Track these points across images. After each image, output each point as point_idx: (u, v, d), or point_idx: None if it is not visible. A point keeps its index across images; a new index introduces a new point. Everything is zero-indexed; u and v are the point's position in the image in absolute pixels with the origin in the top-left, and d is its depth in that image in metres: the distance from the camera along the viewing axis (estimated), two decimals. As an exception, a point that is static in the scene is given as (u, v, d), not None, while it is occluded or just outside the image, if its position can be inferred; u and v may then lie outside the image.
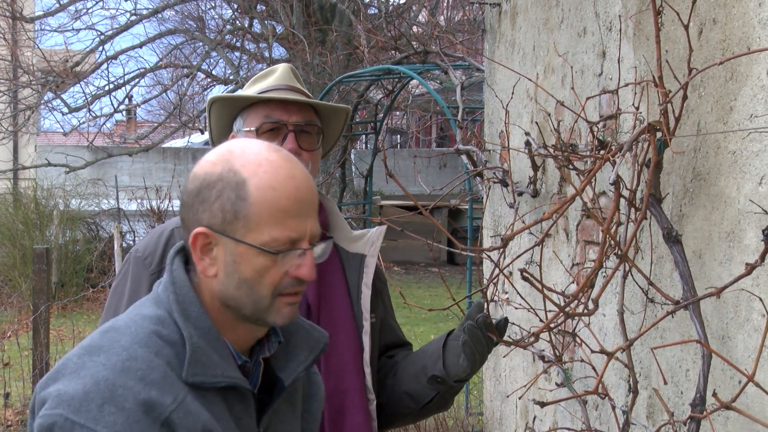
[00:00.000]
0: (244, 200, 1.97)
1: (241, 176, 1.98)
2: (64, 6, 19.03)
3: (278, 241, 2.00)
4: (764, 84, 2.41)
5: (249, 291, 2.02)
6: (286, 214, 2.00)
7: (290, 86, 2.96)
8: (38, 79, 18.74)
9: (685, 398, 2.85)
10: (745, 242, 2.52)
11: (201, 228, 2.01)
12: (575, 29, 3.92)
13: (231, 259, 2.01)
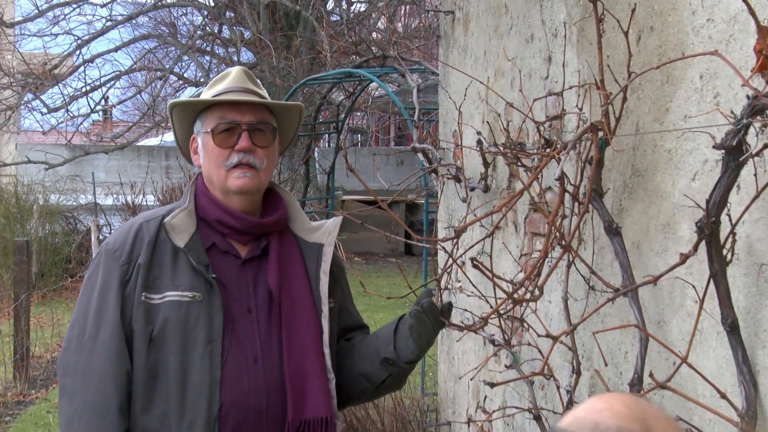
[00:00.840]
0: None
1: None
2: (42, 12, 18.91)
3: None
4: (697, 87, 2.43)
5: None
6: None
7: (243, 88, 2.95)
8: (18, 81, 18.63)
9: (624, 378, 2.87)
10: (679, 234, 2.54)
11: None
12: (523, 35, 3.93)
13: None
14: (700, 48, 2.39)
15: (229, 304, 2.87)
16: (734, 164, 2.11)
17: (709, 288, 2.21)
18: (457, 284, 4.85)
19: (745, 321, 2.20)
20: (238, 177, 2.88)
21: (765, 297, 2.13)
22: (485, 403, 4.62)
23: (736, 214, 2.16)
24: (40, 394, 9.74)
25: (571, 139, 2.85)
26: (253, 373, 2.85)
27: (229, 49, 20.41)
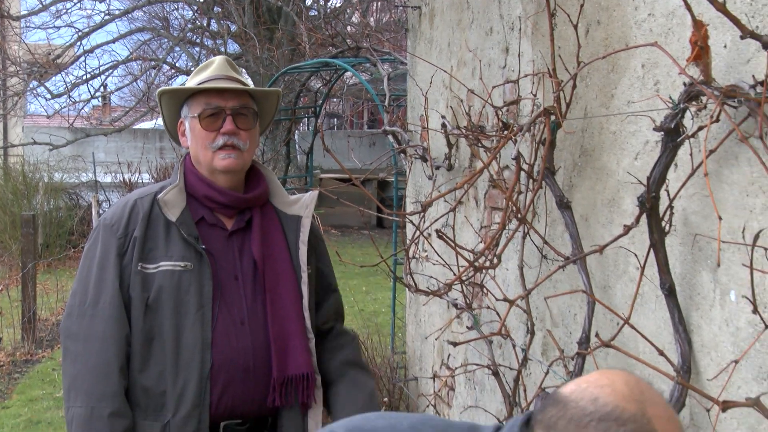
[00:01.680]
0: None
1: (653, 427, 1.62)
2: (46, 6, 18.72)
3: None
4: (639, 75, 2.43)
5: None
6: None
7: (226, 76, 2.94)
8: (24, 70, 18.47)
9: (573, 338, 2.88)
10: (623, 208, 2.54)
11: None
12: (483, 29, 3.92)
13: None
14: (642, 40, 2.40)
15: (217, 273, 2.87)
16: (672, 145, 2.12)
17: (650, 256, 2.22)
18: (423, 254, 4.85)
19: (681, 285, 2.21)
20: (224, 158, 2.87)
21: (699, 264, 2.15)
22: (449, 361, 4.63)
23: (673, 189, 2.17)
24: (45, 353, 9.70)
25: (526, 122, 2.85)
26: (241, 334, 2.85)
27: (216, 41, 20.28)
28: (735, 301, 2.00)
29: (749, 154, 1.91)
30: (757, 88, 1.80)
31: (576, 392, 1.67)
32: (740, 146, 1.95)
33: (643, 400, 1.63)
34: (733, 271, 2.00)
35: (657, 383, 2.32)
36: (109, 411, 2.73)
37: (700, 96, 1.99)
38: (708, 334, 2.11)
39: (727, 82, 1.93)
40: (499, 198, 3.73)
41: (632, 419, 1.60)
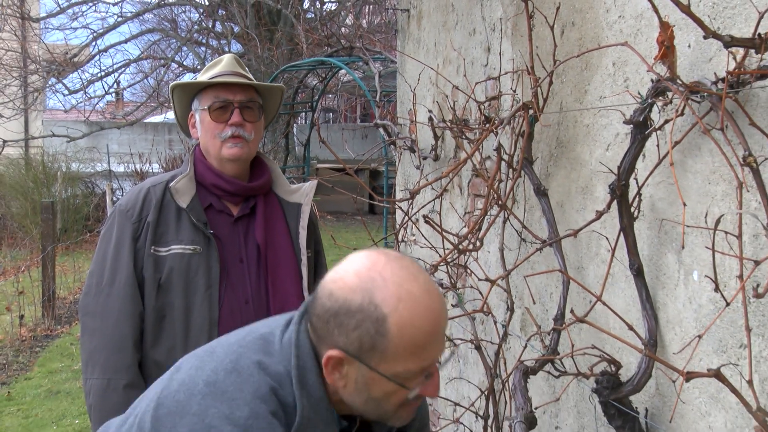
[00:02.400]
0: (383, 336, 1.60)
1: (381, 312, 1.60)
2: (63, 9, 18.69)
3: (410, 372, 1.65)
4: (611, 72, 2.43)
5: (376, 407, 1.71)
6: (422, 348, 1.64)
7: (234, 72, 2.94)
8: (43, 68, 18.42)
9: (549, 315, 2.89)
10: (595, 195, 2.54)
11: (336, 351, 1.65)
12: (467, 30, 3.91)
13: (362, 381, 1.67)
14: (613, 40, 2.39)
15: (224, 256, 2.87)
16: (640, 137, 2.12)
17: (620, 239, 2.22)
18: (412, 237, 4.85)
19: (648, 266, 2.21)
20: (231, 147, 2.87)
21: (665, 246, 2.15)
22: (435, 335, 4.63)
23: (641, 178, 2.17)
24: (64, 329, 9.70)
25: (506, 116, 2.84)
26: (245, 312, 2.86)
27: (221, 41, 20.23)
28: (697, 280, 2.00)
29: (711, 146, 1.91)
30: (718, 84, 1.80)
31: (320, 288, 1.69)
32: (703, 138, 1.95)
33: (371, 287, 1.62)
34: (696, 253, 2.00)
35: (627, 357, 2.32)
36: (124, 382, 2.73)
37: (666, 92, 1.99)
38: (673, 310, 2.11)
39: (691, 78, 1.93)
40: (482, 186, 3.72)
41: (359, 309, 1.61)
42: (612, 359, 2.24)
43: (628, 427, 2.23)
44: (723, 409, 1.90)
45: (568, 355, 2.32)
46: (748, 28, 1.77)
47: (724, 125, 1.69)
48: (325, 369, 1.68)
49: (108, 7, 22.79)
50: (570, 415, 2.77)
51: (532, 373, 2.51)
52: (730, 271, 1.87)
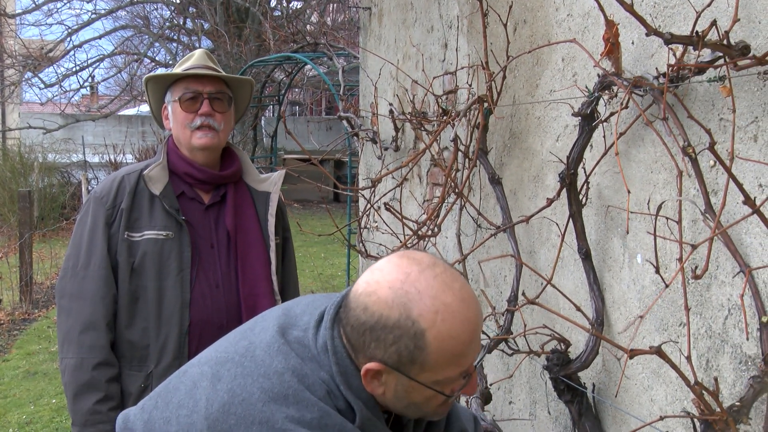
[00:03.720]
0: (422, 350, 1.53)
1: (419, 327, 1.52)
2: (39, 5, 18.45)
3: (451, 379, 1.59)
4: (560, 68, 2.44)
5: (416, 410, 1.65)
6: (461, 356, 1.57)
7: (204, 65, 2.92)
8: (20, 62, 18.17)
9: (503, 296, 2.90)
10: (546, 183, 2.56)
11: (375, 364, 1.56)
12: (425, 27, 3.91)
13: (402, 389, 1.60)
14: (562, 37, 2.41)
15: (195, 241, 2.85)
16: (588, 128, 2.14)
17: (569, 225, 2.24)
18: (374, 224, 4.85)
19: (596, 250, 2.23)
20: (201, 137, 2.85)
21: (611, 232, 2.17)
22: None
23: (589, 167, 2.18)
24: (41, 313, 9.59)
25: (462, 108, 2.85)
26: (216, 295, 2.84)
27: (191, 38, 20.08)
28: (641, 263, 2.02)
29: (653, 136, 1.93)
30: (660, 79, 1.81)
31: (353, 299, 1.61)
32: (646, 129, 1.97)
33: (407, 302, 1.54)
34: (640, 237, 2.02)
35: (575, 335, 2.35)
36: (97, 361, 2.71)
37: (612, 86, 2.01)
38: (618, 292, 2.13)
39: (635, 73, 1.94)
40: (440, 175, 3.73)
41: (397, 325, 1.53)
42: (562, 338, 2.26)
43: (577, 402, 2.26)
44: (664, 383, 1.93)
45: (521, 334, 2.33)
46: (687, 26, 1.79)
47: (665, 117, 1.71)
48: (364, 379, 1.60)
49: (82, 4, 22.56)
50: (523, 391, 2.79)
51: (487, 351, 2.52)
52: (671, 255, 1.89)
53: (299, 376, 1.60)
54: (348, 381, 1.61)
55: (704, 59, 1.70)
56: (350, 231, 6.58)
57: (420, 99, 3.84)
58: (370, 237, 5.05)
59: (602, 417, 2.24)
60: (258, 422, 1.55)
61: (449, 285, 1.56)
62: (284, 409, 1.55)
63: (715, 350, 1.76)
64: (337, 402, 1.60)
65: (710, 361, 1.77)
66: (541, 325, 2.34)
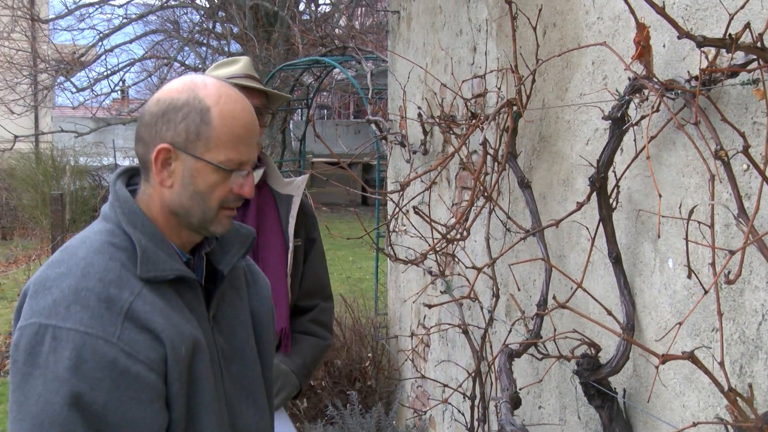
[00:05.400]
0: (208, 124, 1.75)
1: (206, 104, 1.75)
2: (71, 11, 18.59)
3: (231, 162, 1.78)
4: (590, 71, 2.42)
5: (201, 202, 1.79)
6: (240, 140, 1.78)
7: (249, 75, 2.94)
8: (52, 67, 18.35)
9: (532, 300, 2.89)
10: (576, 187, 2.54)
11: (165, 144, 1.75)
12: (454, 30, 3.90)
13: (189, 173, 1.77)
14: (592, 40, 2.39)
15: None
16: (618, 132, 2.12)
17: (599, 229, 2.22)
18: (402, 228, 4.85)
19: (626, 254, 2.21)
20: None
21: (641, 236, 2.15)
22: (424, 321, 4.64)
23: (619, 170, 2.17)
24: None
25: (491, 112, 2.84)
26: None
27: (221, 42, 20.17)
28: (672, 268, 2.00)
29: (685, 140, 1.91)
30: (692, 82, 1.80)
31: (147, 103, 1.82)
32: (677, 133, 1.95)
33: (194, 87, 1.78)
34: (671, 242, 2.00)
35: (605, 340, 2.33)
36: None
37: (642, 89, 1.99)
38: (649, 296, 2.11)
39: (666, 76, 1.92)
40: (468, 179, 3.72)
41: (186, 103, 1.76)
42: (592, 342, 2.24)
43: (607, 407, 2.24)
44: (696, 389, 1.91)
45: (551, 338, 2.32)
46: (720, 29, 1.77)
47: (697, 120, 1.69)
48: (155, 166, 1.77)
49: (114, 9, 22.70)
50: (552, 396, 2.78)
51: (516, 356, 2.51)
52: (702, 259, 1.87)
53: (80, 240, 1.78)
54: (132, 220, 1.78)
55: (737, 62, 1.68)
56: (378, 234, 6.58)
57: (449, 102, 3.83)
58: (398, 240, 5.05)
59: (633, 423, 2.22)
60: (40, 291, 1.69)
61: (229, 86, 1.83)
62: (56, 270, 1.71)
63: (749, 356, 1.73)
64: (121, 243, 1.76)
65: (744, 367, 1.75)
66: (570, 329, 2.33)
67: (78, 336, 1.62)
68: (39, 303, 1.67)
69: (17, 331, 1.67)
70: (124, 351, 1.64)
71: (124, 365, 1.64)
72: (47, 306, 1.65)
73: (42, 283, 1.70)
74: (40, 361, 1.62)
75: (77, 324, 1.63)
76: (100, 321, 1.64)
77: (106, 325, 1.64)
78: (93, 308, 1.65)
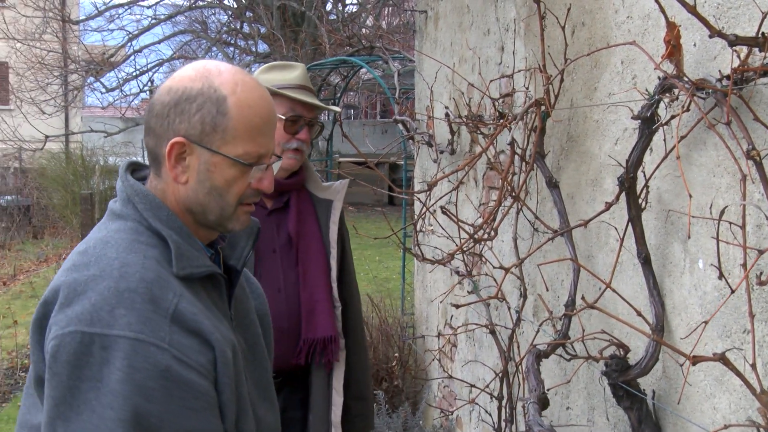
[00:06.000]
0: (224, 115, 1.64)
1: (221, 93, 1.64)
2: (101, 12, 18.78)
3: (250, 155, 1.67)
4: (619, 70, 2.41)
5: (218, 198, 1.68)
6: (258, 131, 1.67)
7: (305, 87, 2.96)
8: (82, 67, 18.53)
9: (560, 301, 2.87)
10: (604, 187, 2.53)
11: (179, 138, 1.64)
12: (481, 30, 3.89)
13: (205, 168, 1.66)
14: (621, 39, 2.38)
15: (258, 246, 2.87)
16: (648, 131, 2.10)
17: (628, 229, 2.20)
18: (429, 227, 4.84)
19: (655, 255, 2.20)
20: (290, 158, 2.93)
21: (671, 236, 2.13)
22: (451, 321, 4.63)
23: (649, 170, 2.15)
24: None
25: (519, 112, 2.83)
26: (277, 300, 2.86)
27: (248, 42, 20.27)
28: (702, 268, 1.98)
29: (716, 140, 1.89)
30: (723, 81, 1.78)
31: (157, 92, 1.71)
32: (708, 132, 1.93)
33: (209, 75, 1.67)
34: (701, 242, 1.98)
35: (634, 341, 2.31)
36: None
37: (672, 88, 1.97)
38: (679, 297, 2.09)
39: (696, 76, 1.91)
40: (496, 178, 3.71)
41: (200, 93, 1.65)
42: (620, 343, 2.23)
43: (636, 408, 2.22)
44: (727, 391, 1.89)
45: (579, 339, 2.31)
46: (752, 27, 1.75)
47: (729, 120, 1.67)
48: (169, 162, 1.66)
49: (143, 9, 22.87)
50: (580, 397, 2.76)
51: (544, 356, 2.50)
52: (734, 260, 1.85)
53: (102, 240, 1.63)
54: (157, 214, 1.67)
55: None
56: (405, 234, 6.58)
57: (476, 102, 3.82)
58: (425, 240, 5.04)
59: (663, 424, 2.20)
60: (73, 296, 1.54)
61: (244, 72, 1.72)
62: (85, 272, 1.56)
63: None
64: (149, 240, 1.64)
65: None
66: (599, 330, 2.31)
67: (127, 343, 1.49)
68: (75, 309, 1.52)
69: (53, 340, 1.51)
70: (176, 357, 1.53)
71: (177, 372, 1.52)
72: (86, 311, 1.51)
73: (72, 288, 1.55)
74: (89, 374, 1.49)
75: (125, 329, 1.50)
76: (149, 325, 1.51)
77: (155, 329, 1.52)
78: (139, 311, 1.52)
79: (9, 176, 18.96)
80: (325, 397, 2.97)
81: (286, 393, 2.93)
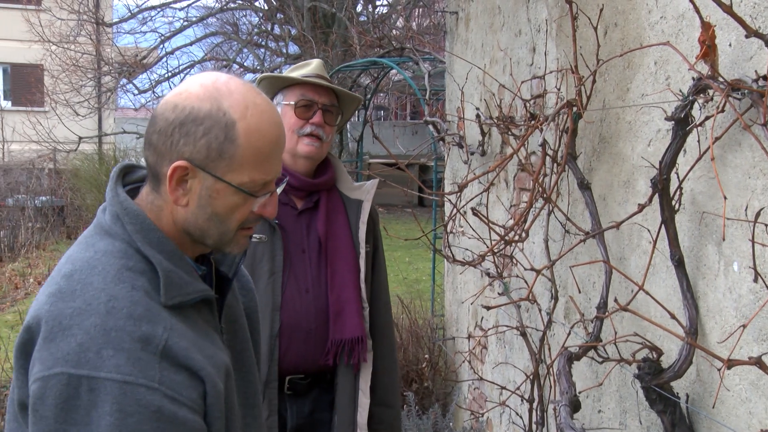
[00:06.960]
0: (232, 142, 1.55)
1: (231, 117, 1.55)
2: (134, 14, 18.97)
3: (255, 183, 1.60)
4: (652, 71, 2.39)
5: (219, 224, 1.61)
6: (265, 157, 1.59)
7: (321, 75, 2.96)
8: (115, 69, 18.71)
9: (592, 303, 2.85)
10: (637, 188, 2.51)
11: (183, 162, 1.55)
12: (513, 31, 3.88)
13: (207, 193, 1.58)
14: (654, 40, 2.36)
15: (287, 245, 2.88)
16: (682, 133, 2.08)
17: (661, 231, 2.19)
18: (460, 229, 4.83)
19: (689, 257, 2.18)
20: (308, 144, 2.90)
21: (705, 238, 2.11)
22: (482, 323, 4.62)
23: (682, 172, 2.13)
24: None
25: (551, 113, 2.82)
26: (305, 300, 2.86)
27: (279, 44, 20.37)
28: (737, 271, 1.96)
29: (751, 141, 1.87)
30: (759, 82, 1.76)
31: (162, 105, 1.60)
32: (743, 134, 1.91)
33: (218, 96, 1.56)
34: (736, 245, 1.96)
35: (668, 344, 2.29)
36: None
37: (707, 89, 1.95)
38: (713, 300, 2.07)
39: (732, 76, 1.89)
40: (527, 180, 3.69)
41: (208, 116, 1.55)
42: (653, 346, 2.21)
43: (669, 412, 2.20)
44: (764, 395, 1.86)
45: (611, 342, 2.29)
46: (789, 27, 1.73)
47: (765, 121, 1.65)
48: (170, 184, 1.57)
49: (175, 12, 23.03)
50: (612, 400, 2.74)
51: (576, 358, 2.48)
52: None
53: (88, 264, 1.55)
54: (147, 237, 1.58)
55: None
56: (436, 236, 6.57)
57: (507, 103, 3.81)
58: (455, 242, 5.04)
59: (697, 428, 2.18)
60: (56, 331, 1.48)
61: (256, 91, 1.63)
62: (71, 304, 1.49)
63: (817, 363, 1.69)
64: (137, 266, 1.56)
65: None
66: (631, 332, 2.29)
67: (116, 386, 1.43)
68: (61, 348, 1.46)
69: (38, 381, 1.45)
70: (167, 395, 1.47)
71: (170, 411, 1.47)
72: (72, 351, 1.45)
73: (57, 321, 1.48)
74: (78, 418, 1.43)
75: (113, 372, 1.44)
76: (138, 365, 1.46)
77: (144, 368, 1.46)
78: (128, 351, 1.46)
79: (44, 177, 19.16)
80: (352, 399, 2.96)
81: (316, 394, 2.93)
